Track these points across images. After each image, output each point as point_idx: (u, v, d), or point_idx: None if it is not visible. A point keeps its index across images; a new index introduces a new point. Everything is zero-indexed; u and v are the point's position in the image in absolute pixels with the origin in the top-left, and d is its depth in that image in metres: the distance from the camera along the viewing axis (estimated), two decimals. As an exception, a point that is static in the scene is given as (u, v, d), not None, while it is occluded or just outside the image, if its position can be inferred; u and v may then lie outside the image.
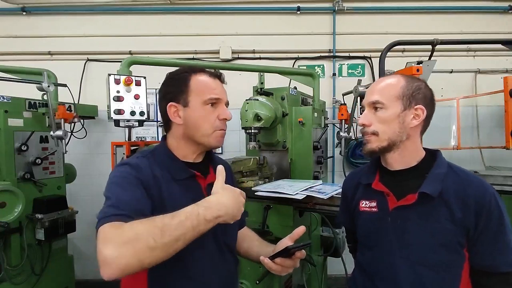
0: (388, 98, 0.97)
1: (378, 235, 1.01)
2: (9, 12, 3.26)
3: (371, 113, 1.00)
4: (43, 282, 2.28)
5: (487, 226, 0.90)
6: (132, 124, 1.97)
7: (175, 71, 1.03)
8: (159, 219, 0.73)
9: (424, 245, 0.93)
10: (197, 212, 0.76)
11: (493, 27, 3.20)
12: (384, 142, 0.97)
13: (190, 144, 1.01)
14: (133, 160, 0.94)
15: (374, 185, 1.03)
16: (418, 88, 0.97)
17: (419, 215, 0.94)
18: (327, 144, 2.74)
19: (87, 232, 3.12)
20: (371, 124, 0.99)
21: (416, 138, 1.00)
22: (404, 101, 0.96)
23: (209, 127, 0.98)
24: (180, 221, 0.73)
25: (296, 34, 3.29)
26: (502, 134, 2.52)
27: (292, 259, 0.92)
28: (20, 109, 2.24)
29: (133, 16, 3.30)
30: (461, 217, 0.90)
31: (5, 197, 1.95)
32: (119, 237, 0.68)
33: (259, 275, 1.74)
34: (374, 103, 0.98)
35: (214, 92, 0.98)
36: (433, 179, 0.94)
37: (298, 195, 1.57)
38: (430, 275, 0.92)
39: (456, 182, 0.94)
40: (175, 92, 0.98)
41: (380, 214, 1.01)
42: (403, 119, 0.96)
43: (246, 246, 1.16)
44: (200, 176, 1.00)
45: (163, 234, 0.70)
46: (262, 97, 2.05)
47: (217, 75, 1.03)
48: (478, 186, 0.93)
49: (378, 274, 1.00)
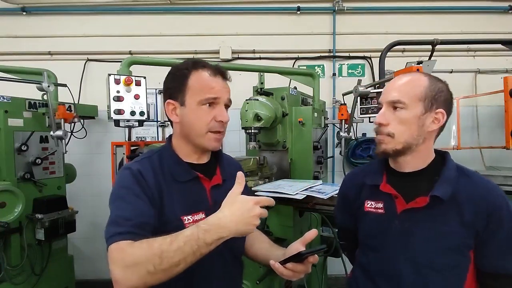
0: (410, 97, 0.91)
1: (383, 237, 0.99)
2: (9, 12, 3.26)
3: (390, 112, 0.94)
4: (43, 282, 2.28)
5: (497, 229, 0.89)
6: (132, 124, 1.97)
7: (177, 66, 1.00)
8: (157, 244, 0.73)
9: (432, 248, 0.91)
10: (197, 236, 0.74)
11: (493, 27, 3.20)
12: (400, 145, 0.93)
13: (187, 143, 0.99)
14: (135, 165, 0.93)
15: (382, 187, 1.00)
16: (441, 91, 0.92)
17: (428, 218, 0.92)
18: (327, 144, 2.74)
19: (87, 232, 3.12)
20: (388, 124, 0.93)
21: (431, 142, 0.97)
22: (426, 103, 0.91)
23: (203, 128, 0.94)
24: (179, 247, 0.72)
25: (296, 34, 3.29)
26: (502, 134, 2.52)
27: (304, 264, 0.86)
28: (20, 109, 2.23)
29: (133, 16, 3.30)
30: (472, 220, 0.89)
31: (5, 197, 1.95)
32: (122, 261, 0.73)
33: (260, 275, 1.74)
34: (395, 102, 0.92)
35: (212, 91, 0.93)
36: (444, 182, 0.92)
37: (298, 195, 1.57)
38: (436, 277, 0.91)
39: (467, 184, 0.92)
40: (173, 89, 0.96)
41: (386, 215, 0.99)
42: (423, 122, 0.91)
43: (255, 248, 1.12)
44: (204, 178, 0.98)
45: (162, 261, 0.71)
46: (262, 97, 2.05)
47: (220, 71, 0.97)
48: (490, 189, 0.92)
49: (382, 275, 0.99)
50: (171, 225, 0.89)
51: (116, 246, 0.76)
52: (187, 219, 0.92)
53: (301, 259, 0.85)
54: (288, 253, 0.91)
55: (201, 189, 0.98)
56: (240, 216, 0.76)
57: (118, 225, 0.80)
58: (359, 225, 1.09)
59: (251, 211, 0.76)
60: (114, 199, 0.88)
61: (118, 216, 0.82)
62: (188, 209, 0.93)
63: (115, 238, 0.77)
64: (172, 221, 0.90)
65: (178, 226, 0.89)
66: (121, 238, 0.77)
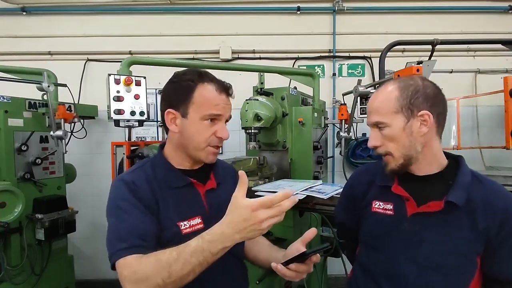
0: (386, 115, 0.93)
1: (388, 238, 0.98)
2: (9, 12, 3.25)
3: (377, 133, 0.96)
4: (43, 282, 2.28)
5: (509, 236, 0.89)
6: (132, 124, 1.97)
7: (182, 75, 0.97)
8: (165, 258, 0.75)
9: (441, 252, 0.91)
10: (202, 248, 0.74)
11: (493, 27, 3.20)
12: (400, 160, 0.94)
13: (182, 152, 0.99)
14: (128, 176, 0.93)
15: (394, 189, 0.99)
16: (415, 92, 0.92)
17: (442, 223, 0.91)
18: (327, 144, 2.74)
19: (87, 232, 3.12)
20: (381, 144, 0.96)
21: (433, 143, 0.95)
22: (404, 112, 0.91)
23: (202, 142, 0.94)
24: (186, 260, 0.74)
25: (296, 34, 3.29)
26: (502, 134, 2.51)
27: (307, 264, 0.86)
28: (20, 109, 2.23)
29: (133, 16, 3.30)
30: (485, 227, 0.89)
31: (5, 197, 1.95)
32: (132, 277, 0.76)
33: (259, 275, 1.74)
34: (375, 124, 0.96)
35: (216, 108, 0.93)
36: (459, 187, 0.91)
37: (298, 195, 1.57)
38: (440, 281, 0.91)
39: (481, 191, 0.92)
40: (176, 99, 0.95)
41: (396, 217, 0.98)
42: (410, 130, 0.92)
43: (255, 251, 1.12)
44: (197, 183, 0.98)
45: (170, 274, 0.74)
46: (262, 97, 2.05)
47: (225, 88, 0.97)
48: (505, 196, 0.92)
49: (384, 276, 0.98)
50: (168, 232, 0.90)
51: (124, 262, 0.79)
52: (184, 225, 0.92)
53: (303, 259, 0.84)
54: (289, 253, 0.91)
55: (196, 195, 0.98)
56: (242, 224, 0.72)
57: (121, 239, 0.82)
58: (363, 224, 1.08)
59: (251, 220, 0.71)
60: (113, 212, 0.88)
61: (121, 229, 0.84)
62: (183, 214, 0.93)
63: (121, 253, 0.79)
64: (169, 228, 0.90)
65: (175, 232, 0.90)
66: (127, 253, 0.79)
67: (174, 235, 0.88)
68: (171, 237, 0.88)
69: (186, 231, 0.91)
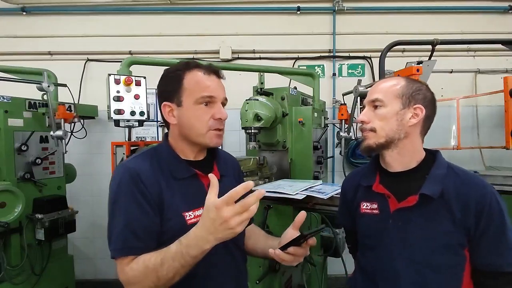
0: (387, 95, 0.98)
1: (379, 237, 1.00)
2: (9, 12, 3.25)
3: (371, 111, 1.01)
4: (43, 282, 2.28)
5: (488, 227, 0.89)
6: (132, 124, 1.97)
7: (170, 68, 1.01)
8: (151, 265, 0.80)
9: (426, 246, 0.93)
10: (181, 252, 0.77)
11: (493, 27, 3.20)
12: (382, 139, 0.98)
13: (187, 143, 0.99)
14: (133, 163, 0.93)
15: (375, 187, 1.03)
16: (418, 89, 0.99)
17: (420, 216, 0.94)
18: (327, 144, 2.75)
19: (87, 232, 3.13)
20: (370, 121, 1.00)
21: (415, 138, 1.00)
22: (404, 100, 0.97)
23: (202, 127, 0.95)
24: (169, 265, 0.78)
25: (296, 34, 3.29)
26: (502, 134, 2.52)
27: (303, 247, 0.88)
28: (20, 109, 2.23)
29: (133, 16, 3.30)
30: (461, 218, 0.90)
31: (5, 197, 1.95)
32: (126, 278, 0.84)
33: (259, 275, 1.75)
34: (374, 101, 1.00)
35: (208, 90, 0.94)
36: (433, 180, 0.94)
37: (298, 195, 1.57)
38: (432, 276, 0.92)
39: (456, 182, 0.94)
40: (169, 91, 0.97)
41: (381, 216, 1.01)
42: (402, 117, 0.97)
43: (252, 242, 1.14)
44: (201, 174, 0.99)
45: (159, 279, 0.79)
46: (262, 97, 2.05)
47: (213, 70, 0.98)
48: (479, 186, 0.93)
49: (380, 275, 1.00)
50: (173, 222, 0.90)
51: (120, 265, 0.85)
52: (189, 215, 0.92)
53: (299, 243, 0.86)
54: (284, 240, 0.92)
55: (200, 186, 0.98)
56: (212, 225, 0.72)
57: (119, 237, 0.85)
58: (357, 226, 1.10)
59: (218, 219, 0.70)
60: (116, 207, 0.88)
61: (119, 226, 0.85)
62: (188, 205, 0.93)
63: (117, 254, 0.85)
64: (174, 218, 0.90)
65: (180, 222, 0.90)
66: (121, 254, 0.85)
67: (179, 226, 0.88)
68: (176, 227, 0.88)
69: (191, 221, 0.91)
